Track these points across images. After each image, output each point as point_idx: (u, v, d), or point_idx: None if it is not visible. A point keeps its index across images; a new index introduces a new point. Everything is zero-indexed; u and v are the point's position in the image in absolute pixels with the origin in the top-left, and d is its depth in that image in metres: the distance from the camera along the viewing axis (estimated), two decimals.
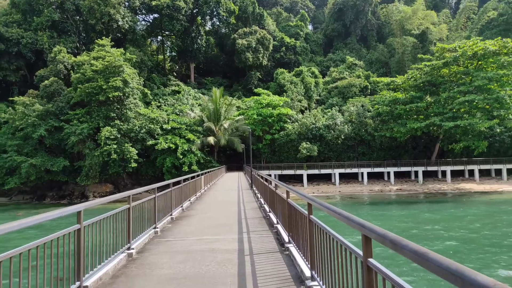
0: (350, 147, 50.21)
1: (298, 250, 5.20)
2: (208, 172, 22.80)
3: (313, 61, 74.73)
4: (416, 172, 48.37)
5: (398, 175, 48.53)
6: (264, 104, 49.61)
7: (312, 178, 48.72)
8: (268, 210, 10.19)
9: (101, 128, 41.01)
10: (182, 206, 11.57)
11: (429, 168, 47.67)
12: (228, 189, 21.07)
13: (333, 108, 53.18)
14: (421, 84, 46.67)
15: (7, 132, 43.25)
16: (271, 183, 9.78)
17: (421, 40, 70.33)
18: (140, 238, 6.60)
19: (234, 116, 51.21)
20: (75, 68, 45.48)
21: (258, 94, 53.18)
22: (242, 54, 62.25)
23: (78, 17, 57.61)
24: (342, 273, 3.03)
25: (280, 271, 4.89)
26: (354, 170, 47.83)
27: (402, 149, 50.05)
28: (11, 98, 46.47)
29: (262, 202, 12.53)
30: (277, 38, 71.33)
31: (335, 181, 47.02)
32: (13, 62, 53.70)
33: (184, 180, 12.09)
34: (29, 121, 41.05)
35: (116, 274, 5.00)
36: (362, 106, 52.29)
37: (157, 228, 7.80)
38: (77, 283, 3.96)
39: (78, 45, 58.10)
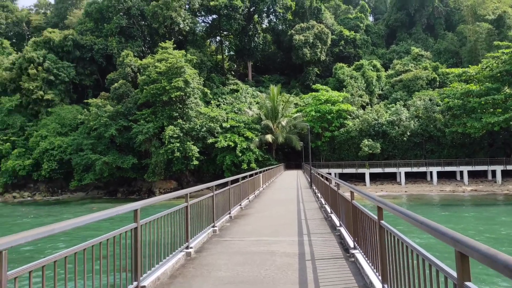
0: (417, 144, 47.13)
1: (366, 258, 4.71)
2: (266, 170, 22.66)
3: (375, 54, 71.42)
4: (493, 172, 44.02)
5: (472, 174, 44.53)
6: (322, 100, 48.43)
7: (375, 177, 46.59)
8: (329, 211, 9.67)
9: (165, 127, 42.90)
10: (240, 205, 11.47)
11: (509, 167, 43.06)
12: (287, 187, 20.73)
13: (397, 102, 50.31)
14: (498, 74, 42.26)
15: (83, 132, 47.08)
16: (332, 182, 9.26)
17: (497, 25, 63.79)
18: (199, 237, 6.53)
19: (292, 113, 50.69)
20: (141, 70, 48.13)
21: (317, 90, 52.08)
22: (299, 50, 61.39)
23: (143, 22, 60.92)
24: None
25: (346, 281, 4.44)
26: (422, 169, 44.81)
27: (476, 146, 45.81)
28: (85, 100, 50.48)
29: (323, 202, 12.01)
30: (335, 32, 69.28)
31: (401, 181, 44.46)
32: (87, 67, 58.38)
33: (243, 178, 11.98)
34: (101, 121, 44.25)
35: (174, 274, 4.91)
36: (430, 100, 48.78)
37: (216, 227, 7.70)
38: (135, 283, 3.90)
39: (143, 48, 61.44)
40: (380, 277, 3.83)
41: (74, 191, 46.93)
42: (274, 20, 72.60)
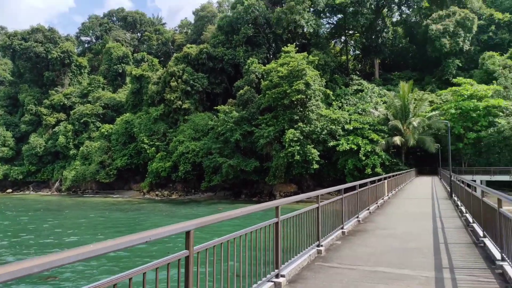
0: None
1: None
2: (393, 176, 19.83)
3: None
4: None
5: None
6: (465, 96, 41.45)
7: None
8: (481, 234, 7.18)
9: (286, 131, 42.80)
10: (357, 217, 9.66)
11: None
12: (419, 197, 17.60)
13: None
14: None
15: (213, 137, 50.63)
16: (485, 195, 6.81)
17: None
18: (296, 260, 5.20)
19: (425, 112, 44.83)
20: (264, 76, 49.31)
21: (458, 85, 44.88)
22: (436, 41, 54.11)
23: (268, 30, 62.75)
24: None
25: None
26: None
27: None
28: (215, 107, 54.33)
29: (470, 219, 9.29)
30: (483, 16, 59.10)
31: None
32: (218, 76, 62.94)
33: (361, 185, 10.14)
34: (227, 126, 46.82)
35: None
36: None
37: (321, 246, 6.23)
38: None
39: (268, 55, 63.22)
40: None
41: (205, 191, 50.74)
42: (407, 11, 66.17)
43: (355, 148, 39.91)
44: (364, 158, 39.36)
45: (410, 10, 64.96)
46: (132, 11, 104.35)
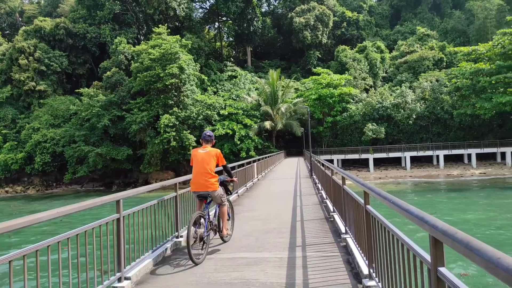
0: (423, 127, 45.14)
1: None
2: (262, 158, 20.83)
3: (378, 35, 68.77)
4: (503, 154, 42.08)
5: (480, 157, 42.77)
6: (324, 84, 46.29)
7: (379, 163, 44.77)
8: (331, 209, 7.86)
9: (161, 116, 41.10)
10: None
11: None
12: (285, 177, 18.91)
13: (402, 85, 48.10)
14: (510, 52, 39.93)
15: (76, 123, 45.33)
16: (334, 173, 7.44)
17: (508, 1, 60.82)
18: (147, 258, 4.70)
19: (292, 98, 48.63)
20: (135, 57, 46.07)
21: (318, 74, 49.84)
22: (299, 33, 58.90)
23: (137, 8, 58.52)
24: None
25: None
26: (428, 152, 42.96)
27: (485, 128, 43.73)
28: (77, 90, 48.58)
29: (324, 195, 10.20)
30: (337, 13, 66.58)
31: (406, 165, 42.67)
32: (80, 56, 56.29)
33: (231, 169, 10.09)
34: (93, 111, 42.44)
35: None
36: (437, 80, 46.58)
37: (181, 237, 5.87)
38: None
39: (138, 36, 59.13)
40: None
41: (69, 184, 45.43)
42: (274, 2, 69.95)
43: (231, 133, 40.89)
44: (239, 142, 40.65)
45: (277, 1, 68.91)
46: None
